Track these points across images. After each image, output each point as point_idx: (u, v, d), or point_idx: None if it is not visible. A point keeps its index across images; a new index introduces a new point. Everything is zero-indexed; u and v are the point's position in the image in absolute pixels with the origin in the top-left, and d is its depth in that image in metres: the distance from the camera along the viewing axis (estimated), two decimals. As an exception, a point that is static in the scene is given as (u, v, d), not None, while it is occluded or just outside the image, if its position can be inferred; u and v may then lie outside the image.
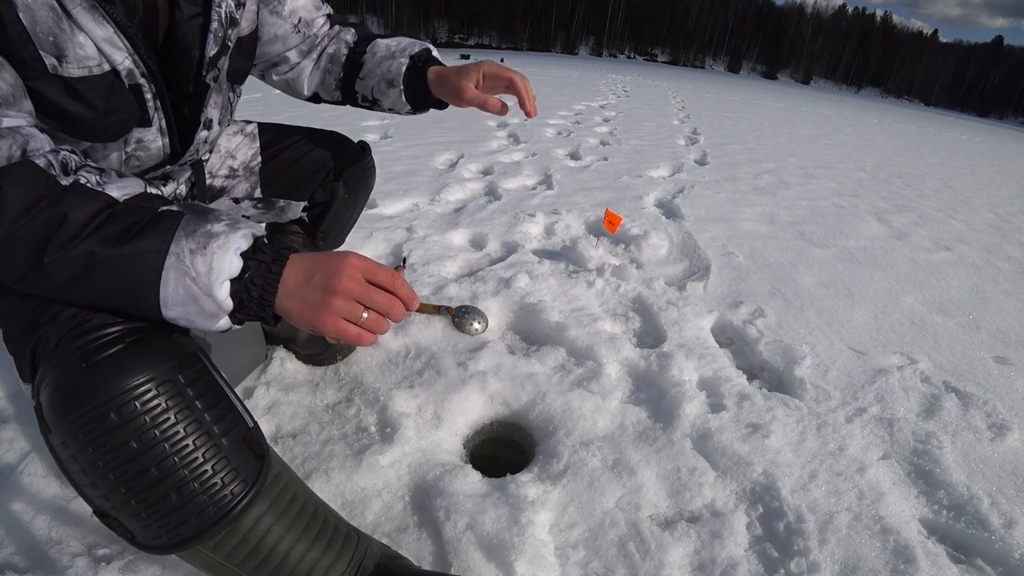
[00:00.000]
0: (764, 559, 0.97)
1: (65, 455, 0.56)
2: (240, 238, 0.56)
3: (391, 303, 0.59)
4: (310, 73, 1.01)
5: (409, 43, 0.98)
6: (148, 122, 0.70)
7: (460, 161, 3.52)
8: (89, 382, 0.55)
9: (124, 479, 0.55)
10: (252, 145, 1.07)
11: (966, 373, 1.62)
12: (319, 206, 1.16)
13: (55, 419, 0.55)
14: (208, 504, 0.59)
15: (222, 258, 0.54)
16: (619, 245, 2.27)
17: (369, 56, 0.98)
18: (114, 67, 0.62)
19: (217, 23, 0.73)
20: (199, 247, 0.55)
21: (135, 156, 0.73)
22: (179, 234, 0.55)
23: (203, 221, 0.57)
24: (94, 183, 0.57)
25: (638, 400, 1.33)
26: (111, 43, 0.61)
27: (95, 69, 0.61)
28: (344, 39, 1.00)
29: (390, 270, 0.59)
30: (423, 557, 0.92)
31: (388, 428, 1.14)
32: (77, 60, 0.59)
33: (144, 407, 0.55)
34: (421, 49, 0.97)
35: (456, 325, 1.54)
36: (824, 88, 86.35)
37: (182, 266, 0.54)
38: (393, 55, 0.96)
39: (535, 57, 33.56)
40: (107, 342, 0.57)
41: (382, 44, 0.99)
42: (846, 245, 2.67)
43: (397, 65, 0.95)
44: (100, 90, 0.62)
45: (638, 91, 11.26)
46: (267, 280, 0.57)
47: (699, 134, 5.89)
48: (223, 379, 0.65)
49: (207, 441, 0.59)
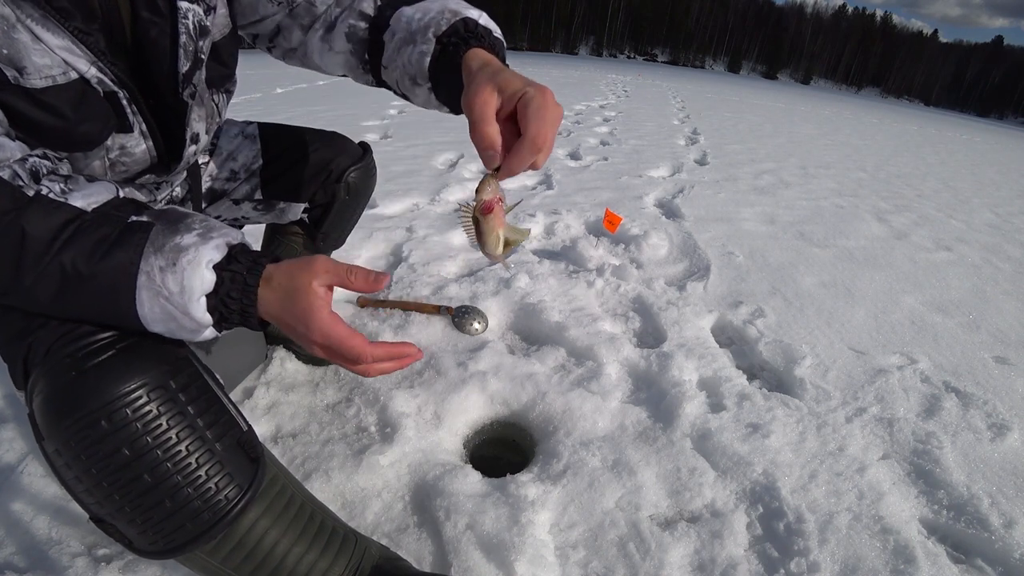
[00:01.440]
0: (764, 559, 0.97)
1: (59, 462, 0.55)
2: (212, 250, 0.54)
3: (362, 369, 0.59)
4: (320, 52, 0.79)
5: (438, 12, 0.67)
6: (128, 128, 0.67)
7: (460, 161, 3.52)
8: (80, 389, 0.54)
9: (118, 486, 0.55)
10: (252, 146, 1.07)
11: (966, 373, 1.62)
12: (319, 208, 1.16)
13: (47, 427, 0.54)
14: (203, 509, 0.58)
15: (193, 275, 0.53)
16: (619, 245, 2.27)
17: (389, 36, 0.71)
18: (81, 75, 0.59)
19: (185, 36, 0.67)
20: (168, 264, 0.53)
21: (120, 162, 0.70)
22: (148, 250, 0.53)
23: (173, 233, 0.55)
24: (58, 192, 0.54)
25: (638, 400, 1.33)
26: (70, 52, 0.58)
27: (59, 78, 0.58)
28: (360, 8, 0.75)
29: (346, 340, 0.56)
30: (423, 557, 0.92)
31: (388, 428, 1.14)
32: (38, 71, 0.56)
33: (135, 414, 0.55)
34: (453, 23, 0.65)
35: (456, 325, 1.54)
36: (824, 88, 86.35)
37: (154, 286, 0.53)
38: (414, 37, 0.68)
39: (535, 57, 33.57)
40: (97, 349, 0.57)
41: (405, 15, 0.70)
42: (846, 245, 2.67)
43: (419, 55, 0.67)
44: (68, 99, 0.59)
45: (638, 91, 11.26)
46: (244, 292, 0.56)
47: (699, 134, 5.89)
48: (216, 383, 0.65)
49: (200, 446, 0.58)
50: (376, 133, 4.31)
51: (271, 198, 1.10)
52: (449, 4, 0.68)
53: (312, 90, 6.69)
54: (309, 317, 0.55)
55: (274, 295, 0.56)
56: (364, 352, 0.57)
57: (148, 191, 0.83)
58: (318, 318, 0.55)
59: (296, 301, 0.56)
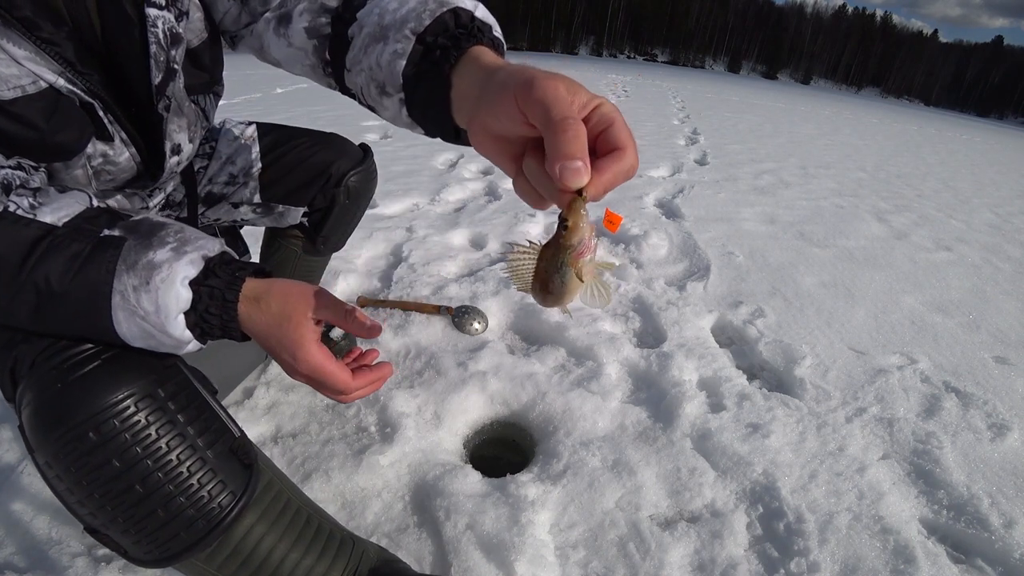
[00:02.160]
0: (764, 559, 0.97)
1: (50, 474, 0.55)
2: (186, 265, 0.53)
3: (342, 398, 0.60)
4: (277, 47, 0.65)
5: (420, 1, 0.52)
6: (108, 136, 0.65)
7: (460, 161, 3.52)
8: (66, 402, 0.53)
9: (109, 497, 0.55)
10: (252, 149, 1.06)
11: (966, 373, 1.62)
12: (319, 211, 1.15)
13: (36, 440, 0.54)
14: (197, 517, 0.58)
15: (167, 293, 0.51)
16: (619, 245, 2.28)
17: (356, 29, 0.57)
18: (51, 84, 0.57)
19: (156, 46, 0.63)
20: (141, 283, 0.51)
21: (104, 171, 0.68)
22: (120, 268, 0.52)
23: (145, 248, 0.53)
24: (26, 207, 0.53)
25: (638, 400, 1.33)
26: (35, 61, 0.55)
27: (29, 88, 0.55)
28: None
29: (333, 376, 0.58)
30: (423, 557, 0.92)
31: (388, 428, 1.14)
32: (4, 81, 0.54)
33: (124, 424, 0.54)
34: (442, 14, 0.51)
35: (456, 325, 1.54)
36: (824, 88, 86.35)
37: (128, 306, 0.52)
38: (386, 32, 0.53)
39: (535, 57, 33.59)
40: (82, 360, 0.56)
41: (379, 5, 0.56)
42: (846, 245, 2.67)
43: (390, 56, 0.52)
44: (39, 110, 0.56)
45: (638, 91, 11.25)
46: (224, 308, 0.55)
47: (699, 134, 5.89)
48: (207, 389, 0.64)
49: (191, 454, 0.58)
50: (376, 133, 4.31)
51: (270, 201, 1.09)
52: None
53: (312, 90, 6.69)
54: (298, 349, 0.55)
55: (262, 318, 0.55)
56: (349, 386, 0.58)
57: (140, 198, 0.81)
58: (309, 352, 0.55)
59: (286, 331, 0.55)
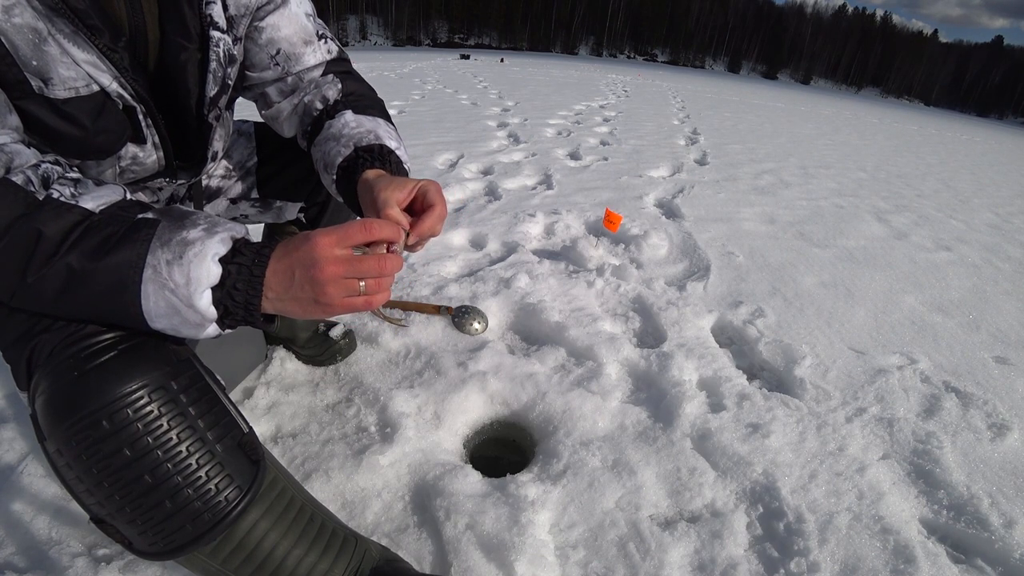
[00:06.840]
0: (764, 559, 0.97)
1: (60, 462, 0.56)
2: (217, 243, 0.55)
3: (380, 264, 0.58)
4: (288, 117, 0.91)
5: (367, 131, 0.81)
6: (142, 140, 0.71)
7: (460, 161, 3.52)
8: (81, 390, 0.55)
9: (118, 486, 0.55)
10: (248, 144, 1.07)
11: (966, 373, 1.62)
12: (317, 206, 1.16)
13: (49, 427, 0.55)
14: (203, 511, 0.59)
15: (199, 267, 0.54)
16: (619, 245, 2.28)
17: (327, 126, 0.84)
18: (103, 88, 0.63)
19: (216, 63, 0.72)
20: (175, 257, 0.54)
21: (130, 170, 0.73)
22: (154, 244, 0.54)
23: (179, 228, 0.56)
24: (68, 196, 0.56)
25: (638, 400, 1.33)
26: (95, 66, 0.61)
27: (83, 90, 0.61)
28: (325, 93, 0.87)
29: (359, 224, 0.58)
30: (423, 557, 0.92)
31: (388, 428, 1.14)
32: (63, 82, 0.59)
33: (136, 414, 0.55)
34: (372, 144, 0.79)
35: (456, 325, 1.54)
36: (824, 88, 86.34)
37: (160, 278, 0.54)
38: (339, 139, 0.80)
39: (535, 57, 33.58)
40: (99, 350, 0.57)
41: (343, 119, 0.83)
42: (846, 245, 2.67)
43: (335, 153, 0.80)
44: (88, 110, 0.62)
45: (638, 91, 11.26)
46: (250, 284, 0.56)
47: (699, 134, 5.90)
48: (217, 385, 0.65)
49: (200, 447, 0.59)
50: (376, 133, 4.31)
51: (268, 196, 1.10)
52: (379, 129, 0.82)
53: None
54: (312, 246, 0.55)
55: (280, 265, 0.57)
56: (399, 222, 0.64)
57: (151, 192, 0.84)
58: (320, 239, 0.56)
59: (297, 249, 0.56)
